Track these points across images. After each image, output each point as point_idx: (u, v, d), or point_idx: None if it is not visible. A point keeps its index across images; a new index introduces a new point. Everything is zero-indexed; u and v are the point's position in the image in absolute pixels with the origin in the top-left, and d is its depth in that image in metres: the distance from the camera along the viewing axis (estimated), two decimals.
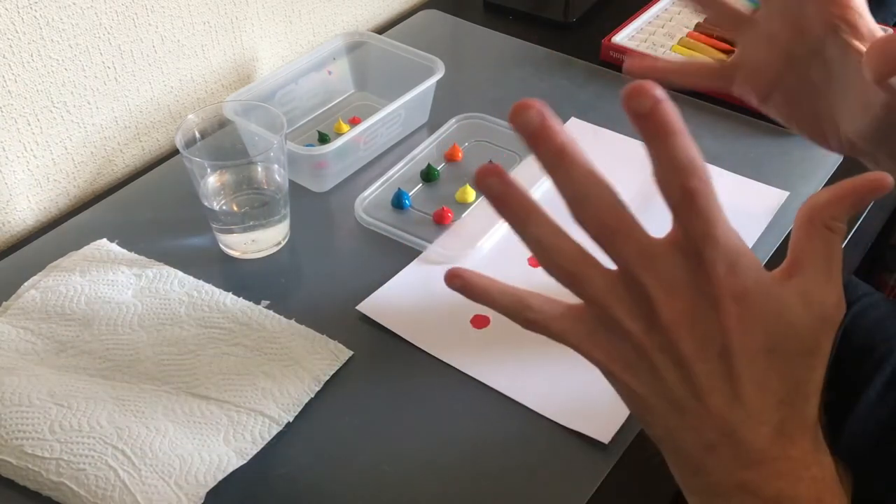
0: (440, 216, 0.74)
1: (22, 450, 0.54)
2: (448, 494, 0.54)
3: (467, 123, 0.84)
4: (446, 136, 0.82)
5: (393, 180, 0.77)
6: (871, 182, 0.37)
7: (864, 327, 0.82)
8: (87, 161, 0.79)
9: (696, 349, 0.37)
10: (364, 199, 0.75)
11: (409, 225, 0.73)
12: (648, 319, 0.37)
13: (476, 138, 0.83)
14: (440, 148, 0.81)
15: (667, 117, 0.34)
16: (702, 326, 0.37)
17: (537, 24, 1.03)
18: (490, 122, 0.83)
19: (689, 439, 0.39)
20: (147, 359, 0.61)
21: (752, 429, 0.38)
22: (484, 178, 0.36)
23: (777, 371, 0.38)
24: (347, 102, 0.89)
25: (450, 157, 0.81)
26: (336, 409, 0.59)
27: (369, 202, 0.75)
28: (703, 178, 0.35)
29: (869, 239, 0.86)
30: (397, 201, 0.75)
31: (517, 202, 0.37)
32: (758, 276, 0.37)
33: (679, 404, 0.38)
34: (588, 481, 0.55)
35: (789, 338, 0.38)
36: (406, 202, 0.75)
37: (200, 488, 0.53)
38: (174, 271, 0.68)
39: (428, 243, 0.71)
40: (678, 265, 0.37)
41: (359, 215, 0.74)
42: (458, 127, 0.83)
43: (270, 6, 0.89)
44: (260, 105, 0.72)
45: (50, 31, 0.71)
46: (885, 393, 0.76)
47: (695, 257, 0.36)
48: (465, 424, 0.58)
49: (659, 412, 0.39)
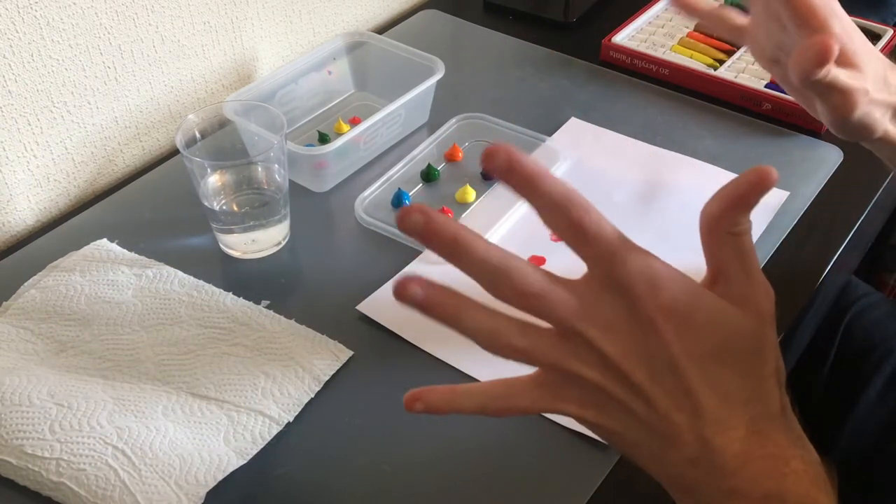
0: None
1: (22, 450, 0.54)
2: (448, 494, 0.54)
3: (467, 123, 0.84)
4: (446, 136, 0.82)
5: (393, 180, 0.77)
6: (755, 182, 0.38)
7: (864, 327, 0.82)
8: (87, 161, 0.79)
9: (649, 373, 0.38)
10: (364, 199, 0.75)
11: None
12: (600, 361, 0.38)
13: (476, 138, 0.83)
14: (440, 148, 0.81)
15: (525, 167, 0.35)
16: (645, 350, 0.37)
17: (537, 24, 1.03)
18: (490, 123, 0.83)
19: (673, 459, 0.40)
20: (147, 359, 0.61)
21: (724, 434, 0.38)
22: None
23: (733, 373, 0.38)
24: (347, 102, 0.89)
25: (450, 157, 0.81)
26: (336, 409, 0.59)
27: (369, 202, 0.75)
28: (584, 207, 0.36)
29: (869, 239, 0.86)
30: (397, 201, 0.75)
31: (449, 309, 0.38)
32: (684, 287, 0.38)
33: (653, 429, 0.39)
34: (588, 481, 0.55)
35: (733, 338, 0.38)
36: (406, 202, 0.75)
37: (200, 488, 0.53)
38: (174, 271, 0.68)
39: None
40: (604, 301, 0.38)
41: (359, 215, 0.74)
42: (458, 127, 0.83)
43: (270, 6, 0.89)
44: (260, 105, 0.72)
45: (50, 31, 0.71)
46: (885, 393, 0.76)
47: (613, 287, 0.37)
48: (464, 424, 0.58)
49: (640, 443, 0.40)
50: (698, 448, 0.38)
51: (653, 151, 0.81)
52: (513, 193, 0.36)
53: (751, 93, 0.86)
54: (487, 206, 0.76)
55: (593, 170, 0.79)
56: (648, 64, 0.92)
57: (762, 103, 0.86)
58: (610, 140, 0.83)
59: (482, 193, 0.77)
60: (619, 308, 0.37)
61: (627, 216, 0.74)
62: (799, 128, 0.84)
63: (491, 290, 0.37)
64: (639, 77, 0.92)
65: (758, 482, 0.38)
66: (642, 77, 0.92)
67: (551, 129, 0.84)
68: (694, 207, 0.80)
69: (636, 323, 0.37)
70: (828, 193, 0.77)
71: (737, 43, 0.61)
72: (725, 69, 0.90)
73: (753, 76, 0.89)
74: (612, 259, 0.37)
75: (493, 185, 0.77)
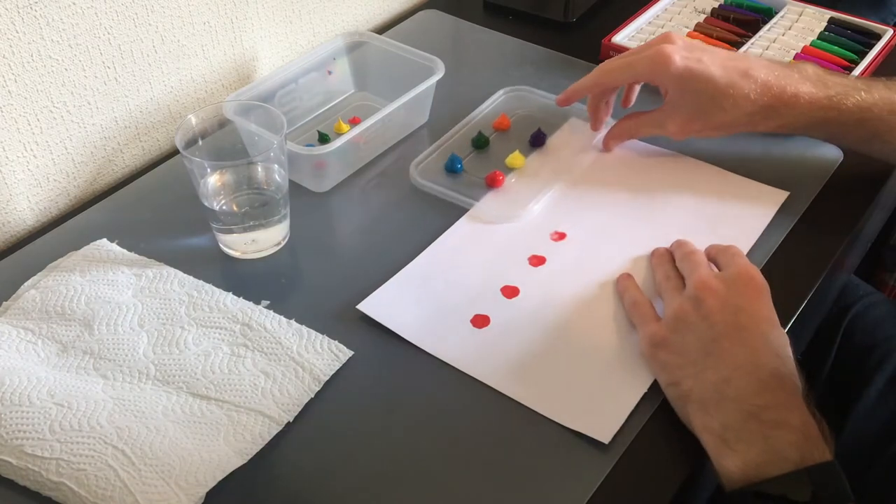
0: (493, 179, 0.78)
1: (22, 450, 0.54)
2: (448, 494, 0.54)
3: (513, 95, 0.88)
4: (494, 107, 0.86)
5: (445, 147, 0.81)
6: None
7: (864, 327, 0.82)
8: (87, 161, 0.79)
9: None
10: (418, 163, 0.79)
11: (462, 187, 0.77)
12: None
13: (521, 109, 0.87)
14: (488, 119, 0.85)
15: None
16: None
17: (537, 24, 1.03)
18: (534, 94, 0.87)
19: (710, 377, 0.55)
20: (147, 359, 0.61)
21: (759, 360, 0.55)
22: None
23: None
24: (347, 102, 0.89)
25: (498, 125, 0.84)
26: (336, 409, 0.59)
27: (423, 167, 0.79)
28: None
29: (869, 239, 0.86)
30: (451, 165, 0.79)
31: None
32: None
33: (707, 349, 0.56)
34: (588, 481, 0.55)
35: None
36: (459, 166, 0.79)
37: (200, 488, 0.53)
38: (174, 271, 0.68)
39: (476, 202, 0.76)
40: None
41: (414, 179, 0.77)
42: (504, 98, 0.87)
43: (270, 6, 0.89)
44: (260, 105, 0.72)
45: (50, 31, 0.71)
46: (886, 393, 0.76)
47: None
48: (465, 424, 0.58)
49: (689, 360, 0.57)
50: (733, 370, 0.56)
51: (653, 152, 0.81)
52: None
53: None
54: (537, 171, 0.80)
55: (591, 167, 0.79)
56: None
57: None
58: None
59: (530, 158, 0.81)
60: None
61: (628, 217, 0.74)
62: None
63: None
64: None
65: (771, 411, 0.54)
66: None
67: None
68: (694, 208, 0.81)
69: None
70: (828, 193, 0.77)
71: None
72: None
73: None
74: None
75: (540, 149, 0.82)
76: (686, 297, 0.60)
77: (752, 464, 0.51)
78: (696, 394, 0.56)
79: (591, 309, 0.66)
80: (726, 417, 0.53)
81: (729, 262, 0.62)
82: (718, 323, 0.57)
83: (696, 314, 0.58)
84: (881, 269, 1.13)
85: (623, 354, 0.62)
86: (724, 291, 0.59)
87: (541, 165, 0.80)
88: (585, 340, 0.63)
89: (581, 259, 0.70)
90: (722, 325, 0.57)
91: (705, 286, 0.59)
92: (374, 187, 0.79)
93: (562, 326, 0.64)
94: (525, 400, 0.59)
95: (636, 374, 0.61)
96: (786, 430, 0.51)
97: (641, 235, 0.71)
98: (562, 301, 0.66)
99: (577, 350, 0.63)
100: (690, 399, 0.56)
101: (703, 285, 0.59)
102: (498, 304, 0.66)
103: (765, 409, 0.52)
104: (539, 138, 0.82)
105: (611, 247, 0.71)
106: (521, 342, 0.63)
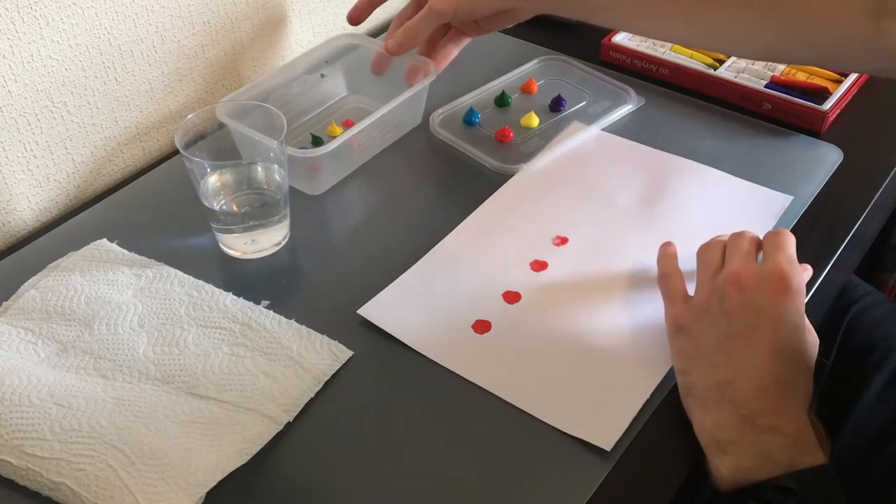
0: (502, 134, 0.83)
1: (22, 450, 0.54)
2: (447, 495, 0.54)
3: (547, 64, 0.93)
4: (525, 72, 0.91)
5: (466, 102, 0.86)
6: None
7: (864, 327, 0.82)
8: (87, 161, 0.79)
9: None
10: (438, 115, 0.84)
11: (473, 140, 0.82)
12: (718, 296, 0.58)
13: (553, 76, 0.91)
14: (517, 81, 0.90)
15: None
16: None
17: (537, 24, 1.02)
18: (569, 64, 0.92)
19: (715, 376, 0.55)
20: (147, 359, 0.61)
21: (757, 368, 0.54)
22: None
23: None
24: (340, 105, 0.88)
25: (525, 89, 0.89)
26: (336, 409, 0.59)
27: (443, 118, 0.85)
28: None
29: (869, 239, 0.86)
30: (468, 118, 0.84)
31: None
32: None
33: (719, 346, 0.56)
34: (587, 484, 0.54)
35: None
36: (476, 119, 0.84)
37: (200, 488, 0.53)
38: (174, 271, 0.68)
39: (486, 157, 0.80)
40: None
41: (434, 128, 0.83)
42: (538, 67, 0.92)
43: (270, 7, 0.89)
44: (260, 105, 0.72)
45: (50, 31, 0.71)
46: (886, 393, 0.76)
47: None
48: (464, 428, 0.58)
49: (702, 353, 0.57)
50: (736, 372, 0.56)
51: (653, 154, 0.81)
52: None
53: (751, 93, 0.86)
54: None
55: (593, 172, 0.79)
56: (648, 64, 0.92)
57: (762, 103, 0.86)
58: (610, 142, 0.83)
59: (545, 122, 0.85)
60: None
61: (629, 219, 0.74)
62: (799, 128, 0.84)
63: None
64: (639, 77, 0.92)
65: (767, 416, 0.53)
66: (642, 77, 0.92)
67: None
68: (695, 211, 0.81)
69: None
70: (828, 193, 0.77)
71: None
72: (725, 69, 0.90)
73: (753, 76, 0.89)
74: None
75: (558, 116, 0.85)
76: (715, 288, 0.59)
77: (743, 467, 0.52)
78: (699, 389, 0.56)
79: (594, 315, 0.65)
80: (721, 418, 0.54)
81: (770, 254, 0.59)
82: (737, 321, 0.56)
83: (718, 308, 0.58)
84: (881, 269, 1.13)
85: (625, 361, 0.62)
86: (752, 288, 0.57)
87: (554, 130, 0.84)
88: (587, 346, 0.63)
89: (583, 264, 0.70)
90: (739, 325, 0.56)
91: (735, 280, 0.57)
92: (371, 188, 0.79)
93: (564, 332, 0.64)
94: (526, 406, 0.59)
95: (638, 380, 0.60)
96: (777, 435, 0.51)
97: (644, 240, 0.71)
98: (564, 307, 0.66)
99: (579, 356, 0.62)
100: (693, 392, 0.56)
101: (734, 278, 0.58)
102: (499, 309, 0.66)
103: (760, 414, 0.52)
104: (558, 103, 0.86)
105: (613, 252, 0.71)
106: (523, 348, 0.63)
